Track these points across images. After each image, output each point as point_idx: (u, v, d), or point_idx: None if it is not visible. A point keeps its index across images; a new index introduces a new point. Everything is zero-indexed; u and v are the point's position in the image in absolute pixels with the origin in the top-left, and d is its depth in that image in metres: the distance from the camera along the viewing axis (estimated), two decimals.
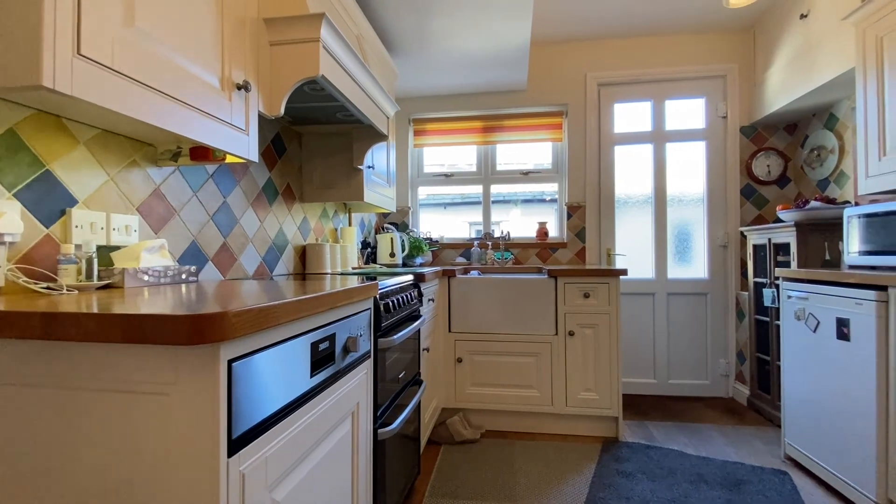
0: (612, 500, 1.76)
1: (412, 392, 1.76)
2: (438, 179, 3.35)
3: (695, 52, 2.99)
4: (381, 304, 1.37)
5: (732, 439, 2.31)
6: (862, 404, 1.62)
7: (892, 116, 1.82)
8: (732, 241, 2.94)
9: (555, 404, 2.36)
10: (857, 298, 1.66)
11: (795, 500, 1.74)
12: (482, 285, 2.45)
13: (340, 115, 1.80)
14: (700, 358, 3.00)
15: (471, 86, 3.08)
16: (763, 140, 2.94)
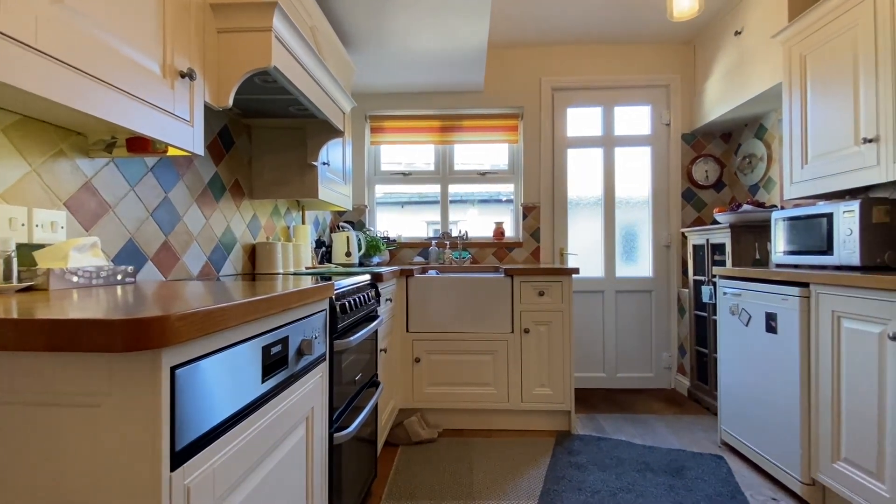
0: (565, 491, 1.82)
1: (369, 394, 1.73)
2: (396, 178, 3.32)
3: (642, 62, 3.15)
4: (337, 305, 1.33)
5: (675, 428, 2.45)
6: (788, 392, 1.77)
7: (813, 129, 2.00)
8: (675, 241, 3.12)
9: (511, 401, 2.40)
10: (783, 294, 1.81)
11: (730, 482, 1.87)
12: (440, 285, 2.45)
13: (293, 108, 1.74)
14: (645, 352, 3.16)
15: (429, 85, 3.08)
16: (702, 147, 3.14)
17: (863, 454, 1.47)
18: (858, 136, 1.76)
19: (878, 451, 1.41)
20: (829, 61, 1.90)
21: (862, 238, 1.67)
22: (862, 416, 1.47)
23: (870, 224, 1.67)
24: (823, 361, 1.62)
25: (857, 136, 1.77)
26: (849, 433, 1.52)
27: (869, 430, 1.45)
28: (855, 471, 1.50)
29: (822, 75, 1.93)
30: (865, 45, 1.72)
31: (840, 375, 1.56)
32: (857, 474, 1.49)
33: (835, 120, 1.87)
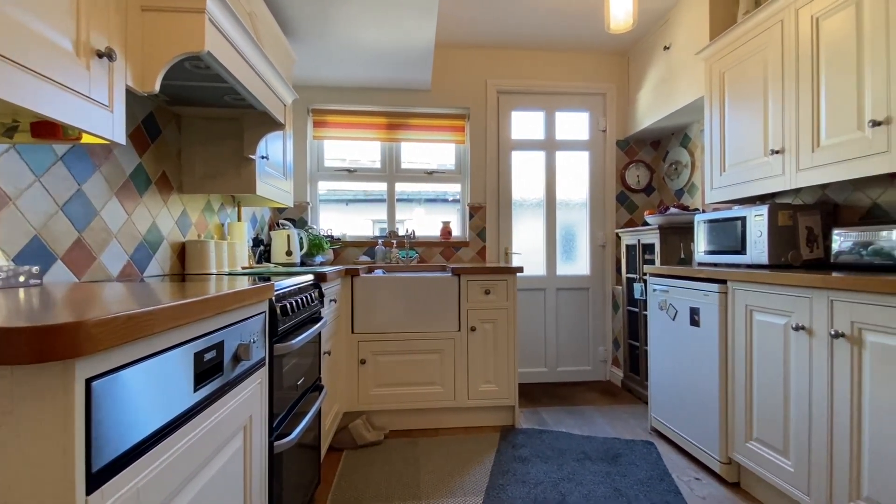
0: (510, 485, 1.86)
1: (312, 398, 1.66)
2: (340, 174, 3.22)
3: (581, 70, 3.30)
4: (277, 307, 1.27)
5: (610, 418, 2.59)
6: (709, 380, 1.93)
7: (730, 140, 2.19)
8: (609, 241, 3.31)
9: (457, 398, 2.42)
10: (704, 291, 1.97)
11: (659, 464, 2.01)
12: (387, 284, 2.41)
13: (229, 98, 1.63)
14: (583, 346, 3.32)
15: (375, 80, 3.02)
16: (634, 153, 3.35)
17: (771, 433, 1.64)
18: (767, 148, 1.96)
19: (784, 430, 1.58)
20: (743, 79, 2.09)
21: (770, 239, 1.86)
22: (770, 399, 1.64)
23: (776, 227, 1.87)
24: (738, 351, 1.79)
25: (766, 147, 1.96)
26: (759, 415, 1.69)
27: (776, 412, 1.62)
28: (765, 449, 1.67)
29: (737, 91, 2.13)
30: (773, 66, 1.92)
31: (752, 363, 1.73)
32: (766, 452, 1.66)
33: (748, 132, 2.07)
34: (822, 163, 1.69)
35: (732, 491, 1.81)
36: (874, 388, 1.28)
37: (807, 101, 1.76)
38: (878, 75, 1.49)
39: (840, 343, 1.37)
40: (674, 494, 1.78)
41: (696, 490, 1.82)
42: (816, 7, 1.70)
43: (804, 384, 1.50)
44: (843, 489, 1.36)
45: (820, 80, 1.70)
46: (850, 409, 1.34)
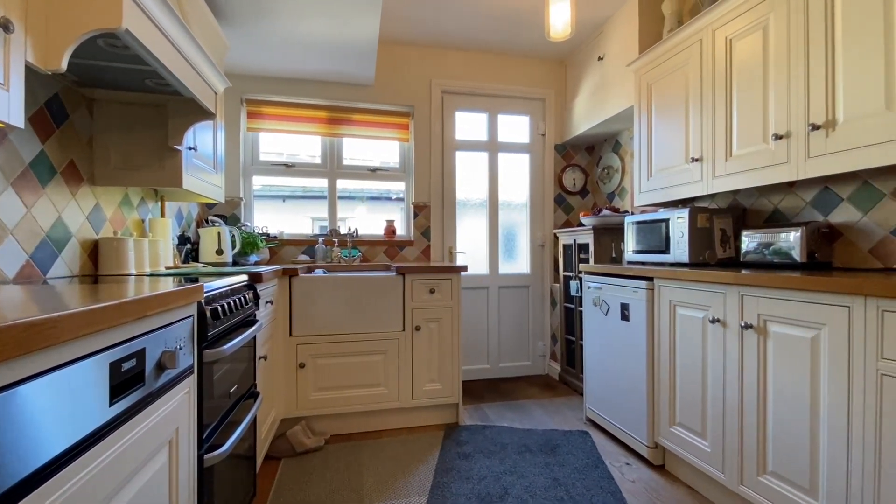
0: (454, 482, 1.88)
1: (247, 406, 1.57)
2: (277, 169, 3.07)
3: (522, 75, 3.40)
4: (207, 311, 1.18)
5: (549, 410, 2.70)
6: (637, 371, 2.07)
7: (656, 147, 2.36)
8: (548, 241, 3.44)
9: (401, 399, 2.40)
10: (633, 287, 2.11)
11: (594, 452, 2.13)
12: (328, 284, 2.33)
13: (151, 82, 1.49)
14: (523, 342, 3.43)
15: (315, 73, 2.91)
16: (571, 157, 3.51)
17: (691, 418, 1.78)
18: (688, 156, 2.13)
19: (702, 414, 1.73)
20: (668, 91, 2.26)
21: (690, 240, 2.03)
22: (691, 387, 1.79)
23: (695, 228, 2.04)
24: (663, 343, 1.93)
25: (687, 155, 2.14)
26: (682, 401, 1.84)
27: (695, 398, 1.76)
28: (686, 432, 1.82)
29: (663, 102, 2.30)
30: (693, 81, 2.09)
31: (675, 354, 1.88)
32: (687, 435, 1.81)
33: (672, 141, 2.24)
34: (734, 171, 1.87)
35: (658, 473, 1.95)
36: (776, 373, 1.44)
37: (721, 115, 1.93)
38: (780, 94, 1.67)
39: (749, 334, 1.53)
40: (607, 480, 1.88)
41: (627, 474, 1.94)
42: (730, 29, 1.88)
43: (719, 372, 1.65)
44: (752, 465, 1.51)
45: (732, 96, 1.88)
46: (757, 392, 1.50)
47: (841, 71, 1.46)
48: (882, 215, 1.62)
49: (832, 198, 1.79)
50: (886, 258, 1.61)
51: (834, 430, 1.26)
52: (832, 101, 1.49)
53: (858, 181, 1.69)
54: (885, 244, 1.61)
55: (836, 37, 1.48)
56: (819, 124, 1.52)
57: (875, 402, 1.16)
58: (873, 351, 1.16)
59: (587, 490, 1.81)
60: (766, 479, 1.47)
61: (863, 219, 1.68)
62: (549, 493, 1.79)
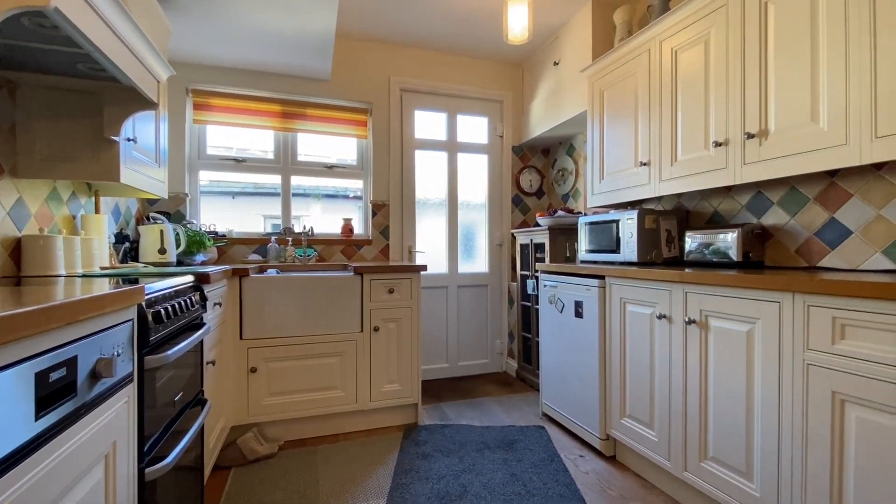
0: (413, 483, 1.86)
1: (193, 414, 1.48)
2: (226, 164, 2.93)
3: (481, 76, 3.43)
4: (148, 314, 1.10)
5: (507, 407, 2.74)
6: (590, 366, 2.15)
7: (608, 151, 2.46)
8: (506, 240, 3.50)
9: (359, 401, 2.36)
10: (586, 286, 2.18)
11: (549, 447, 2.18)
12: (282, 285, 2.25)
13: (84, 66, 1.37)
14: (482, 340, 3.47)
15: (269, 64, 2.80)
16: (528, 159, 3.59)
17: (640, 409, 1.87)
18: (637, 160, 2.24)
19: (650, 406, 1.82)
20: (618, 98, 2.36)
21: (638, 240, 2.13)
22: (640, 380, 1.88)
23: (643, 229, 2.14)
24: (615, 339, 2.02)
25: (636, 159, 2.24)
26: (631, 394, 1.92)
27: (644, 390, 1.85)
28: (635, 423, 1.90)
29: (614, 108, 2.40)
30: (642, 89, 2.19)
31: (626, 349, 1.96)
32: (636, 426, 1.89)
33: (622, 145, 2.34)
34: (679, 175, 1.98)
35: (610, 464, 2.04)
36: (716, 365, 1.54)
37: (668, 121, 2.04)
38: (720, 104, 1.79)
39: (692, 328, 1.62)
40: (562, 473, 1.94)
41: (581, 466, 2.01)
42: (676, 41, 1.99)
43: (665, 365, 1.74)
44: (695, 452, 1.61)
45: (677, 104, 1.99)
46: (699, 383, 1.59)
47: (773, 85, 1.59)
48: (807, 218, 1.77)
49: (764, 201, 1.94)
50: (810, 257, 1.76)
51: (766, 417, 1.36)
52: (765, 112, 1.61)
53: (787, 186, 1.84)
54: (810, 245, 1.77)
55: (769, 54, 1.60)
56: (754, 133, 1.64)
57: (802, 389, 1.27)
58: (800, 342, 1.27)
59: (543, 484, 1.85)
60: (708, 464, 1.57)
61: (790, 221, 1.83)
62: (507, 489, 1.82)
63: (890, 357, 1.07)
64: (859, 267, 1.60)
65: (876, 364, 1.10)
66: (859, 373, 1.13)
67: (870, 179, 1.57)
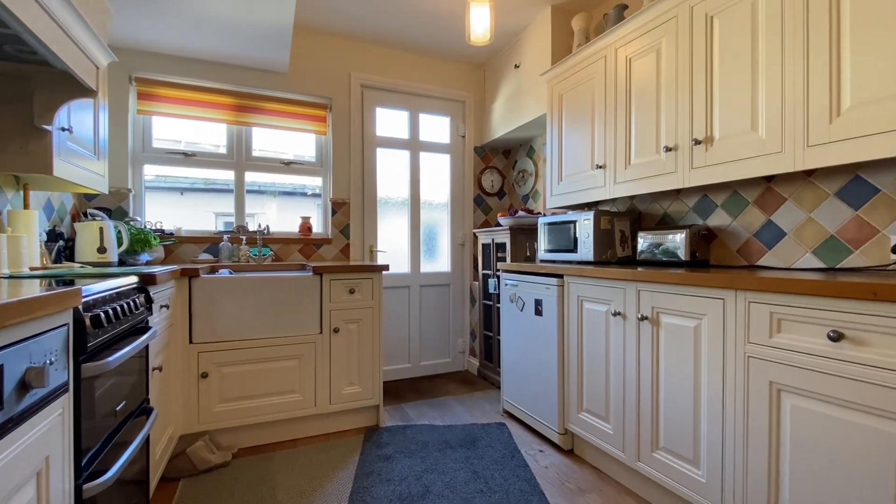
0: (374, 486, 1.84)
1: (138, 424, 1.39)
2: (175, 158, 2.76)
3: (443, 76, 3.43)
4: (86, 318, 1.02)
5: (468, 405, 2.76)
6: (550, 362, 2.20)
7: (566, 154, 2.53)
8: (468, 240, 3.52)
9: (318, 405, 2.29)
10: (546, 284, 2.23)
11: (510, 443, 2.22)
12: (235, 286, 2.15)
13: (12, 48, 1.25)
14: (444, 339, 3.48)
15: (222, 54, 2.67)
16: (489, 160, 3.63)
17: (596, 403, 1.94)
18: (593, 163, 2.31)
19: (606, 400, 1.89)
20: (576, 102, 2.43)
21: (594, 240, 2.20)
22: (596, 375, 1.94)
23: (599, 230, 2.22)
24: (573, 336, 2.08)
25: (593, 162, 2.32)
26: (588, 389, 1.99)
27: (600, 385, 1.92)
28: (592, 417, 1.97)
29: (572, 112, 2.47)
30: (599, 94, 2.27)
31: (583, 345, 2.02)
32: (593, 420, 1.96)
33: (580, 148, 2.41)
34: (632, 178, 2.07)
35: (568, 457, 2.10)
36: (667, 359, 1.61)
37: (622, 126, 2.12)
38: (670, 111, 1.88)
39: (645, 325, 1.70)
40: (523, 468, 1.98)
41: (541, 461, 2.05)
42: (630, 49, 2.07)
43: (620, 360, 1.81)
44: (647, 442, 1.69)
45: (631, 110, 2.08)
46: (651, 376, 1.67)
47: (717, 94, 1.69)
48: (747, 220, 1.90)
49: (710, 204, 2.06)
50: (750, 256, 1.89)
51: (712, 407, 1.45)
52: (711, 120, 1.71)
53: (730, 190, 1.97)
54: (749, 245, 1.89)
55: (714, 65, 1.70)
56: (700, 139, 1.74)
57: (743, 380, 1.35)
58: (742, 336, 1.35)
59: (504, 480, 1.88)
60: (659, 454, 1.64)
61: (733, 223, 1.96)
62: (469, 487, 1.83)
63: (818, 348, 1.17)
64: (792, 266, 1.74)
65: (807, 355, 1.19)
66: (793, 364, 1.22)
67: (802, 185, 1.71)
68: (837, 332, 1.12)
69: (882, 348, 1.05)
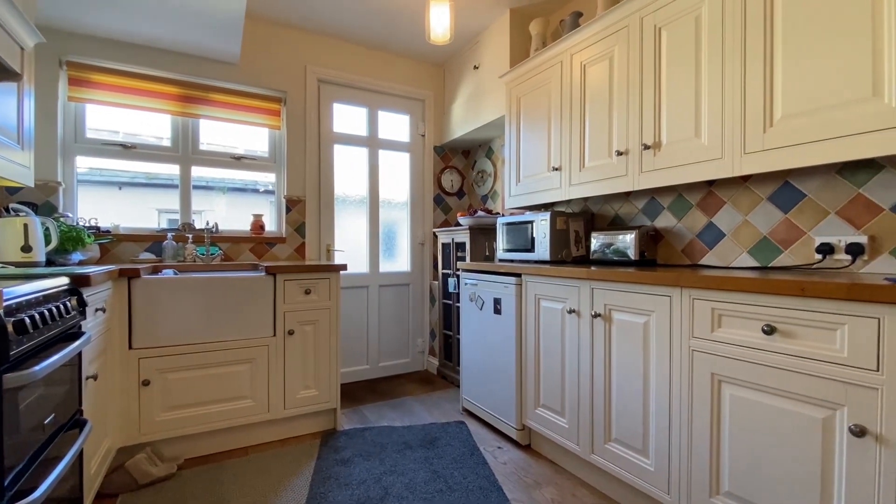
0: (331, 491, 1.79)
1: (69, 438, 1.28)
2: (112, 150, 2.57)
3: (403, 74, 3.40)
4: (8, 323, 0.92)
5: (428, 405, 2.76)
6: (508, 360, 2.24)
7: (524, 155, 2.58)
8: (428, 239, 3.52)
9: (272, 410, 2.21)
10: (504, 283, 2.27)
11: (469, 441, 2.24)
12: (180, 287, 2.03)
13: None
14: (403, 340, 3.45)
15: (166, 40, 2.50)
16: (449, 159, 3.64)
17: (553, 399, 1.99)
18: (550, 165, 2.38)
19: (561, 395, 1.95)
20: (534, 105, 2.48)
21: (551, 240, 2.26)
22: (552, 371, 2.00)
23: (555, 230, 2.28)
24: (530, 333, 2.12)
25: (549, 164, 2.38)
26: (545, 385, 2.04)
27: (556, 380, 1.97)
28: (549, 412, 2.02)
29: (530, 115, 2.52)
30: (555, 98, 2.33)
31: (540, 342, 2.07)
32: (550, 415, 2.01)
33: (537, 151, 2.47)
34: (586, 180, 2.14)
35: (526, 452, 2.14)
36: (619, 354, 1.68)
37: (577, 130, 2.19)
38: (622, 116, 1.96)
39: (598, 322, 1.76)
40: (482, 465, 2.00)
41: (499, 457, 2.08)
42: (584, 56, 2.14)
43: (574, 356, 1.87)
44: (601, 435, 1.75)
45: (586, 114, 2.15)
46: (604, 371, 1.74)
47: (665, 101, 1.78)
48: (690, 222, 2.02)
49: (657, 206, 2.17)
50: (693, 256, 2.01)
51: (659, 398, 1.53)
52: (659, 126, 1.80)
53: (675, 193, 2.08)
54: (693, 245, 2.01)
55: (663, 73, 1.79)
56: (649, 144, 1.83)
57: (688, 372, 1.44)
58: (687, 331, 1.44)
59: (464, 478, 1.89)
60: (612, 445, 1.71)
61: (677, 224, 2.07)
62: (429, 487, 1.82)
63: (754, 341, 1.26)
64: (731, 264, 1.86)
65: (744, 348, 1.28)
66: (732, 356, 1.31)
67: (739, 189, 1.83)
68: (770, 326, 1.21)
69: (808, 340, 1.15)
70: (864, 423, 1.05)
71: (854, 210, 1.51)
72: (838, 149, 1.29)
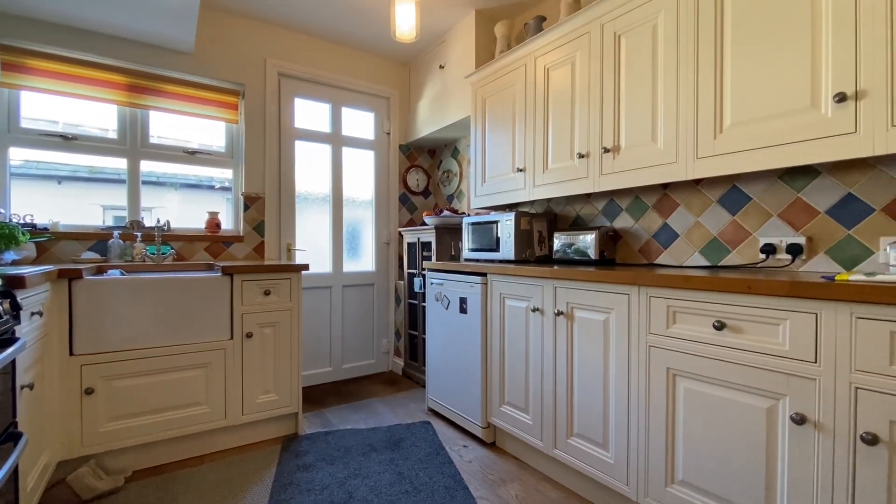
0: (293, 497, 1.74)
1: (3, 453, 1.17)
2: (50, 141, 2.38)
3: (368, 70, 3.35)
4: None
5: (393, 406, 2.73)
6: (473, 359, 2.25)
7: (489, 156, 2.60)
8: (393, 239, 3.48)
9: (229, 416, 2.12)
10: (470, 282, 2.28)
11: (435, 441, 2.23)
12: (128, 288, 1.91)
13: None
14: (368, 340, 3.40)
15: (112, 25, 2.35)
16: (415, 158, 3.62)
17: (517, 396, 2.02)
18: (514, 166, 2.41)
19: (525, 392, 1.98)
20: (499, 106, 2.51)
21: (515, 240, 2.29)
22: (517, 368, 2.02)
23: (520, 230, 2.32)
24: (495, 332, 2.14)
25: (514, 165, 2.41)
26: (510, 382, 2.06)
27: (520, 378, 2.00)
28: (513, 409, 2.05)
29: (495, 116, 2.54)
30: (519, 100, 2.36)
31: (505, 341, 2.10)
32: (514, 412, 2.04)
33: (502, 152, 2.50)
34: (549, 182, 2.19)
35: (491, 450, 2.16)
36: (580, 351, 1.73)
37: (540, 132, 2.23)
38: (583, 119, 2.01)
39: (561, 319, 1.80)
40: (447, 465, 2.00)
41: (465, 456, 2.09)
42: (548, 59, 2.19)
43: (538, 353, 1.91)
44: (563, 430, 1.79)
45: (549, 117, 2.19)
46: (566, 368, 1.78)
47: (624, 106, 1.84)
48: (647, 223, 2.10)
49: (616, 208, 2.24)
50: (650, 255, 2.10)
51: (618, 393, 1.58)
52: (618, 130, 1.86)
53: (633, 195, 2.16)
54: (649, 245, 2.10)
55: (622, 79, 1.85)
56: (609, 148, 1.89)
57: (645, 367, 1.49)
58: (644, 328, 1.49)
59: (430, 478, 1.89)
60: (574, 440, 1.76)
61: (634, 225, 2.15)
62: (394, 489, 1.80)
63: (703, 336, 1.33)
64: (684, 264, 1.95)
65: (697, 343, 1.35)
66: (686, 351, 1.37)
67: (692, 192, 1.93)
68: (721, 322, 1.28)
69: (754, 334, 1.22)
70: (804, 412, 1.13)
71: (794, 213, 1.62)
72: (780, 155, 1.38)
